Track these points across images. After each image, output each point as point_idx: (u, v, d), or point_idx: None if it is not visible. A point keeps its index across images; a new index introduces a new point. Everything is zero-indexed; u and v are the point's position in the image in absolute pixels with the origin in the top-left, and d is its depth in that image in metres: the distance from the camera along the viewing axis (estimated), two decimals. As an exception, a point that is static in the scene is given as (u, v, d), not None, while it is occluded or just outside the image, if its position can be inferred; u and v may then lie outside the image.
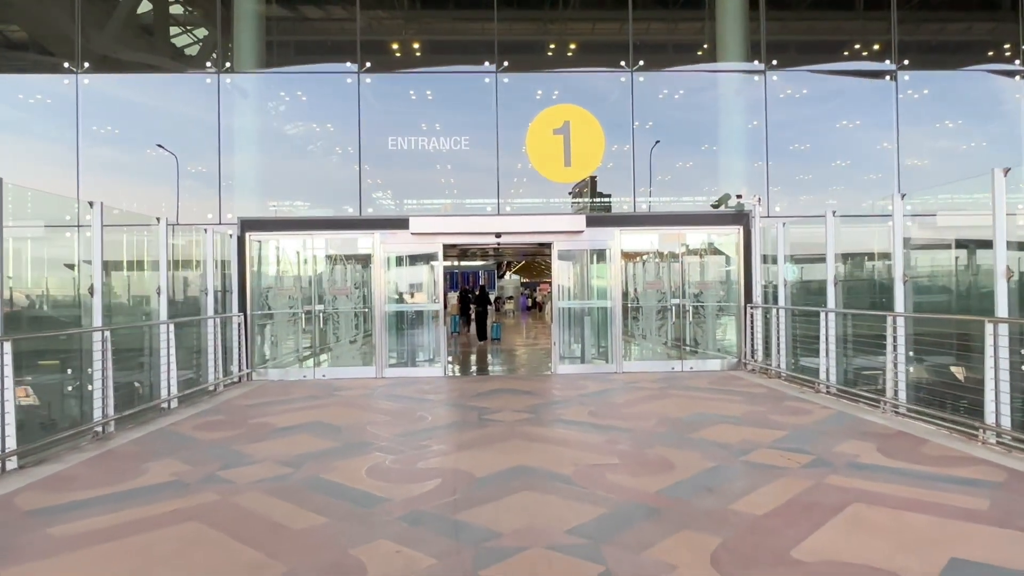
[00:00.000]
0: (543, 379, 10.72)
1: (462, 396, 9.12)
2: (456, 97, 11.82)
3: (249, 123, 11.75)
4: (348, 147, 11.51)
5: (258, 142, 11.81)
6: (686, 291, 11.58)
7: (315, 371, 11.10)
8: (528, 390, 9.45)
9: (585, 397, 8.82)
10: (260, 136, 11.80)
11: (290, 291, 11.36)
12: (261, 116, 11.80)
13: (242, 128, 11.71)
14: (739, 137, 12.35)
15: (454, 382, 10.64)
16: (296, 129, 11.86)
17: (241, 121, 11.67)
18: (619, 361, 11.24)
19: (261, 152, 11.79)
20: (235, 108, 11.63)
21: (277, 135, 11.81)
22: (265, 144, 11.83)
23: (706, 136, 12.50)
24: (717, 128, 12.51)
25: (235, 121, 11.58)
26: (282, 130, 11.85)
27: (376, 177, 11.67)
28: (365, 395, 9.30)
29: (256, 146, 11.83)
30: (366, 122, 11.47)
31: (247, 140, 11.81)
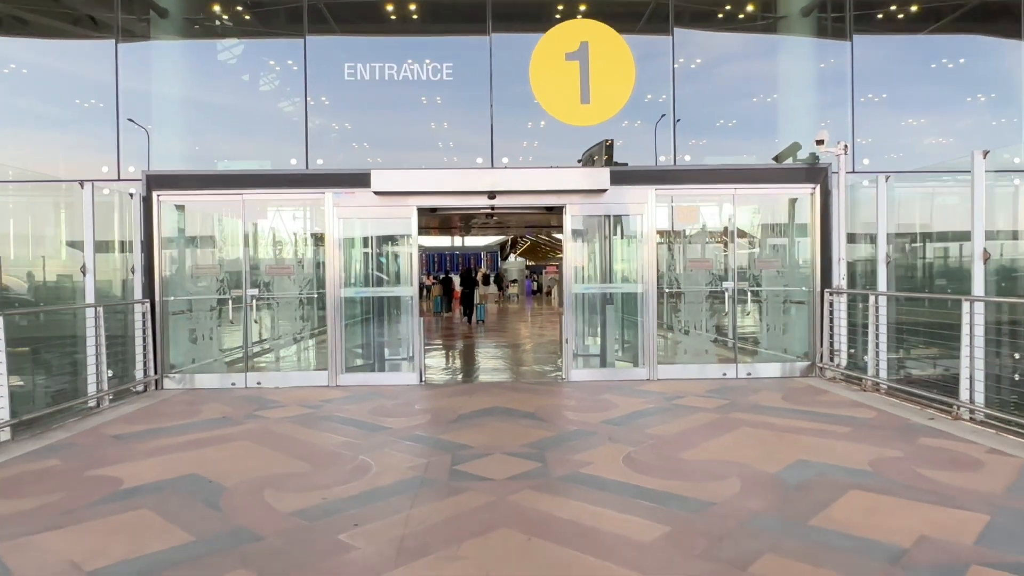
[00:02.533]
0: (551, 389, 7.91)
1: (436, 421, 6.32)
2: (438, 12, 8.89)
3: (165, 44, 8.88)
4: (291, 85, 8.62)
5: (175, 73, 8.94)
6: (741, 271, 8.71)
7: (247, 377, 8.31)
8: (531, 411, 6.65)
9: (614, 425, 6.01)
10: (178, 64, 8.93)
11: (213, 270, 8.54)
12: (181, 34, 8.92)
13: (158, 51, 8.86)
14: (811, 77, 9.41)
15: (431, 394, 7.84)
16: (228, 55, 8.98)
17: (156, 42, 8.80)
18: (653, 364, 8.42)
19: (180, 86, 8.93)
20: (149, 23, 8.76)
21: (203, 62, 8.94)
22: (187, 77, 8.98)
23: (766, 78, 9.57)
24: (783, 66, 9.56)
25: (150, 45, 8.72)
26: (210, 56, 8.98)
27: (332, 119, 8.80)
28: (300, 417, 6.51)
29: (173, 78, 8.97)
30: (315, 44, 8.58)
31: (160, 69, 8.95)
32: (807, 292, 8.70)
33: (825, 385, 7.91)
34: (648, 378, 8.42)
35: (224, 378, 8.33)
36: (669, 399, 7.17)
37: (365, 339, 9.24)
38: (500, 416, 6.43)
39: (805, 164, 8.66)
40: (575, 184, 8.25)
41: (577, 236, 8.74)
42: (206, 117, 8.91)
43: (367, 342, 9.23)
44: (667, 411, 6.58)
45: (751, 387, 7.88)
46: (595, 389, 7.85)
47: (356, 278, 8.86)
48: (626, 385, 8.07)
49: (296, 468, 4.82)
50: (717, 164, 8.67)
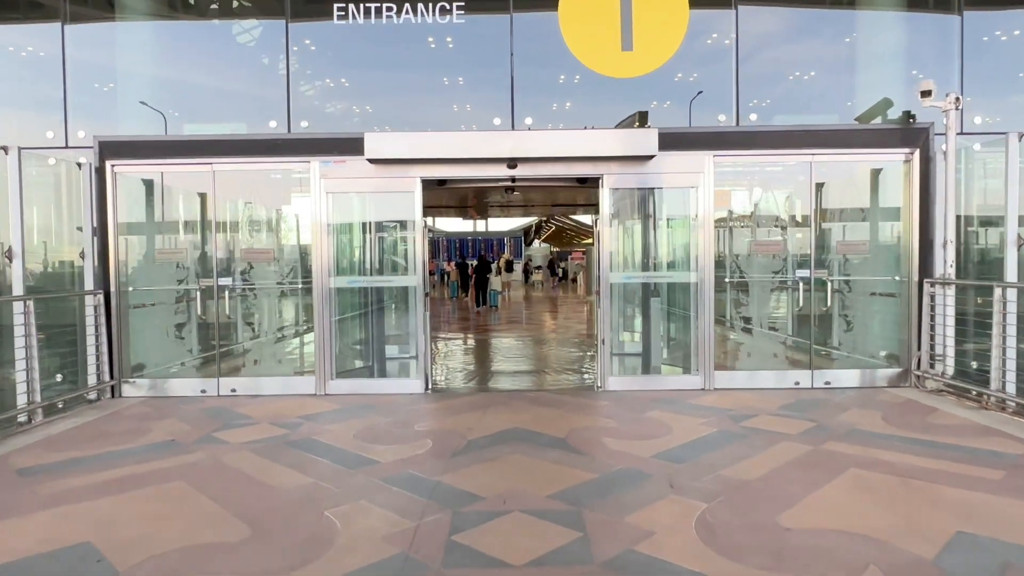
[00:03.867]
0: (585, 403, 6.41)
1: (439, 450, 4.87)
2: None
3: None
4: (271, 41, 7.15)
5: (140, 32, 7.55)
6: (818, 257, 7.10)
7: (220, 383, 6.94)
8: (560, 435, 5.17)
9: (673, 462, 4.49)
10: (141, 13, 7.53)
11: (178, 255, 7.17)
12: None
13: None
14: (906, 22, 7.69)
15: (437, 408, 6.39)
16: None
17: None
18: (709, 371, 6.87)
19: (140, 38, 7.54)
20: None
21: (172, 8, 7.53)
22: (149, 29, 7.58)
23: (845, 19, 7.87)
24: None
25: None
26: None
27: (317, 75, 7.34)
28: (266, 443, 5.11)
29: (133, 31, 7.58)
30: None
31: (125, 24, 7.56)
32: (899, 283, 7.06)
33: (929, 400, 6.30)
34: (703, 387, 6.88)
35: (193, 384, 6.98)
36: (736, 419, 5.63)
37: (360, 338, 7.83)
38: (521, 443, 4.95)
39: (898, 124, 6.99)
40: (614, 149, 6.69)
41: (616, 214, 7.20)
42: (176, 89, 7.50)
43: (363, 342, 7.81)
44: (738, 439, 5.04)
45: (834, 401, 6.29)
46: (639, 402, 6.33)
47: (349, 265, 7.43)
48: (676, 397, 6.53)
49: (230, 534, 3.40)
50: (790, 125, 7.04)
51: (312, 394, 6.88)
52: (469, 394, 6.94)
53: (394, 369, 7.77)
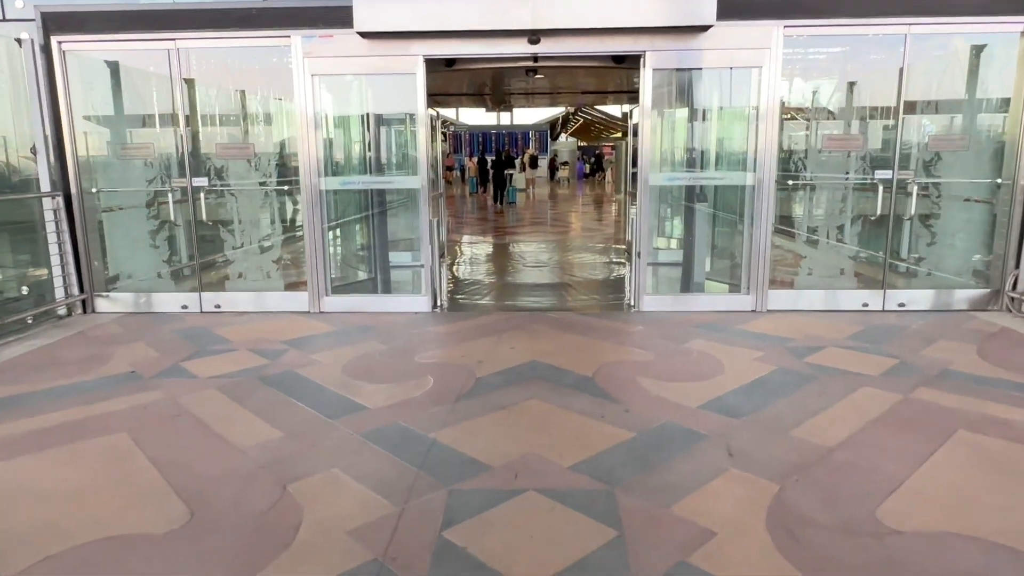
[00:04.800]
0: (616, 328, 5.50)
1: (440, 391, 4.03)
2: None
3: None
4: None
5: None
6: (904, 155, 5.87)
7: (202, 298, 6.15)
8: (587, 373, 4.29)
9: (729, 416, 3.59)
10: None
11: (144, 150, 6.18)
12: None
13: None
14: None
15: (444, 333, 5.54)
16: None
17: None
18: (762, 290, 5.87)
19: None
20: None
21: None
22: None
23: None
24: None
25: None
26: None
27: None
28: (237, 378, 4.33)
29: None
30: None
31: None
32: (998, 187, 5.85)
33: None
34: (754, 309, 5.91)
35: (173, 299, 6.20)
36: (797, 352, 4.69)
37: (359, 249, 6.92)
38: (540, 384, 4.09)
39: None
40: (660, 16, 5.38)
41: (659, 101, 5.98)
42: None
43: (362, 253, 6.91)
44: (805, 381, 4.12)
45: (912, 329, 5.30)
46: (679, 327, 5.41)
47: (342, 163, 6.40)
48: (723, 321, 5.59)
49: (160, 520, 2.63)
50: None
51: (305, 312, 6.07)
52: (482, 313, 6.06)
53: (397, 284, 6.90)
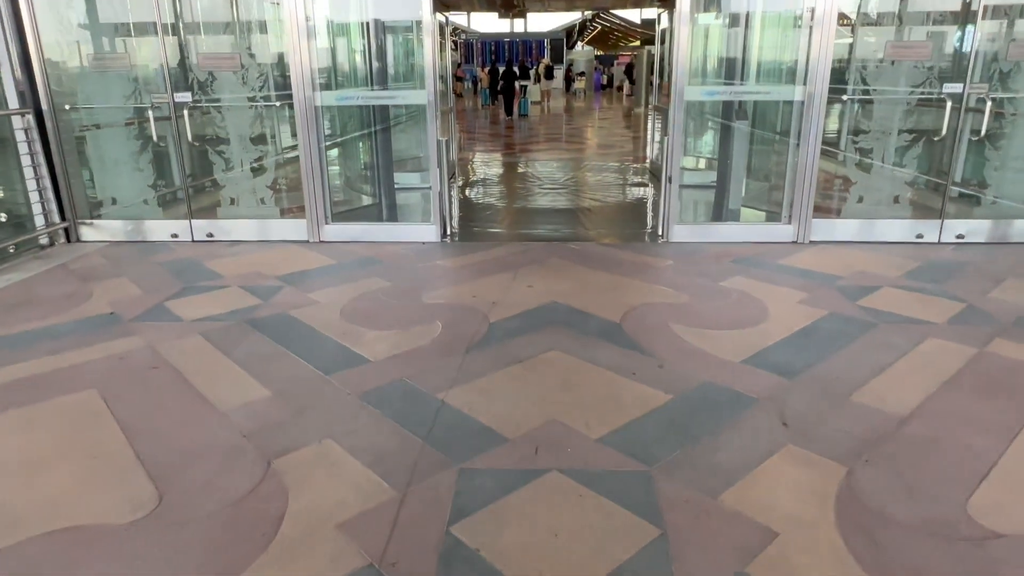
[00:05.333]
0: (644, 262, 4.99)
1: (446, 347, 3.60)
2: None
3: None
4: None
5: None
6: (980, 66, 5.12)
7: (193, 226, 5.68)
8: (613, 318, 3.82)
9: (781, 373, 3.14)
10: None
11: (120, 61, 5.55)
12: None
13: None
14: None
15: (454, 267, 5.06)
16: None
17: None
18: (806, 219, 5.30)
19: None
20: None
21: None
22: None
23: None
24: None
25: None
26: None
27: None
28: (226, 320, 3.91)
29: None
30: None
31: None
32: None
33: (1109, 265, 4.71)
34: (795, 240, 5.36)
35: (162, 227, 5.73)
36: (849, 293, 4.18)
37: (361, 171, 6.35)
38: (561, 331, 3.64)
39: None
40: None
41: (696, 2, 5.21)
42: None
43: (364, 176, 6.35)
44: (862, 329, 3.63)
45: (975, 264, 4.75)
46: (714, 261, 4.90)
47: (340, 76, 5.74)
48: (762, 254, 5.06)
49: (122, 507, 2.26)
50: None
51: (303, 241, 5.60)
52: (495, 244, 5.56)
53: (404, 211, 6.37)
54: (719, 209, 5.95)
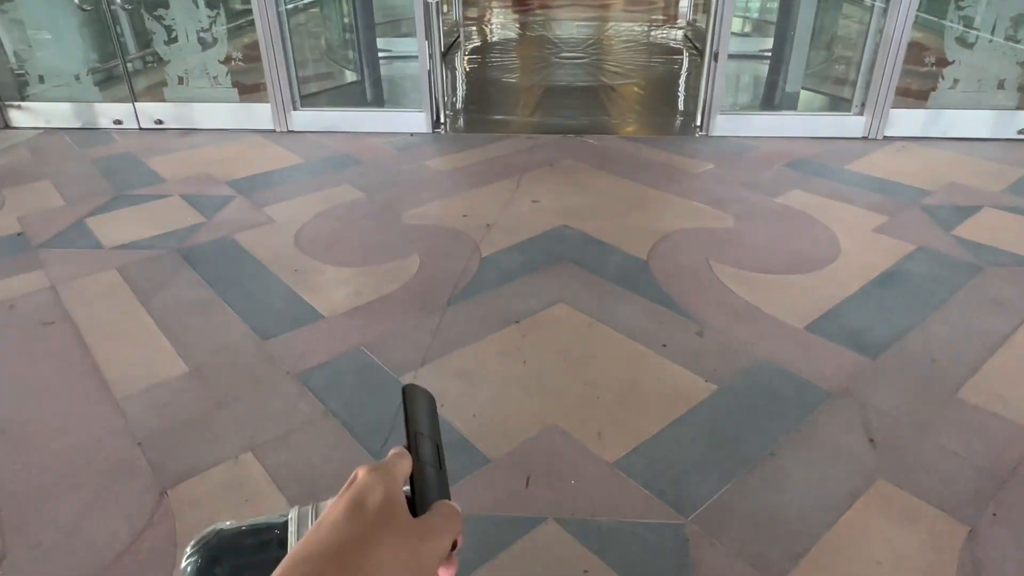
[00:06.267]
0: (678, 163, 4.04)
1: (422, 296, 2.82)
2: None
3: None
4: None
5: None
6: None
7: (138, 111, 4.77)
8: (639, 254, 3.00)
9: (861, 350, 2.35)
10: None
11: None
12: None
13: None
14: None
15: (440, 175, 4.16)
16: None
17: None
18: (883, 109, 4.26)
19: None
20: None
21: None
22: None
23: None
24: None
25: None
26: None
27: None
28: (155, 250, 3.15)
29: None
30: None
31: None
32: None
33: None
34: (867, 135, 4.35)
35: (104, 112, 4.82)
36: (941, 215, 3.29)
37: (335, 43, 5.25)
38: (570, 275, 2.84)
39: None
40: None
41: None
42: None
43: (339, 49, 5.26)
44: (963, 273, 2.79)
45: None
46: (765, 165, 3.96)
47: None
48: (827, 153, 4.10)
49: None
50: None
51: (268, 131, 4.69)
52: (497, 136, 4.60)
53: (387, 93, 5.33)
54: (772, 92, 4.87)
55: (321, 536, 0.39)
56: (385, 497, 0.41)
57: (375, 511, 0.40)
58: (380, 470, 0.42)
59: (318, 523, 0.40)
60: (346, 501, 0.40)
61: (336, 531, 0.39)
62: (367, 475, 0.42)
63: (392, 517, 0.40)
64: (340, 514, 0.40)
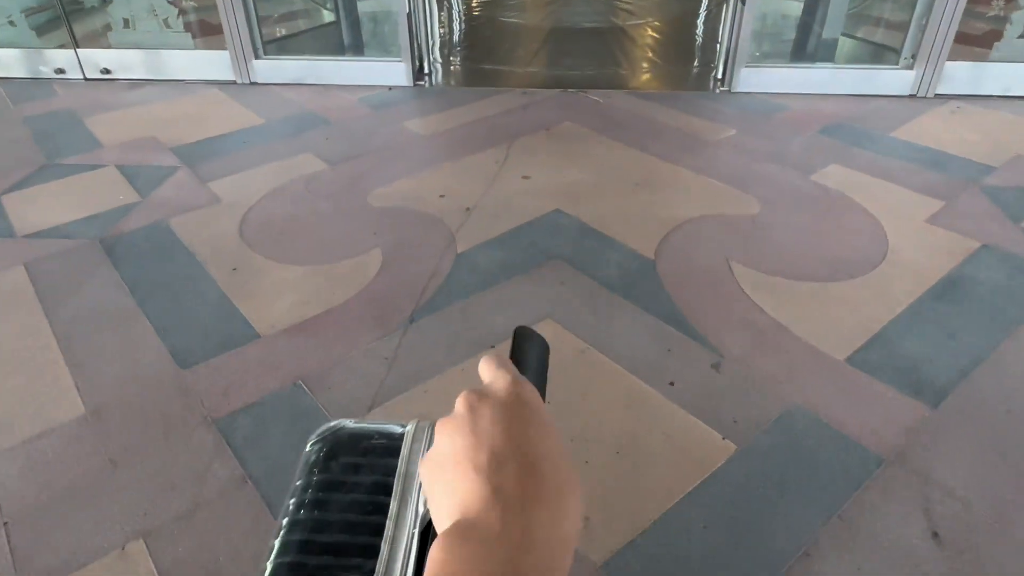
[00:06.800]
0: (695, 126, 3.48)
1: (379, 310, 2.35)
2: None
3: None
4: None
5: None
6: None
7: (81, 58, 4.21)
8: (645, 251, 2.50)
9: (915, 392, 1.89)
10: None
11: None
12: None
13: None
14: None
15: (416, 141, 3.61)
16: None
17: None
18: (936, 63, 3.64)
19: None
20: None
21: None
22: None
23: None
24: None
25: None
26: None
27: None
28: (73, 241, 2.68)
29: None
30: None
31: None
32: None
33: None
34: (916, 93, 3.75)
35: (45, 60, 4.26)
36: (1006, 199, 2.77)
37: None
38: (561, 277, 2.36)
39: None
40: None
41: None
42: None
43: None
44: (1040, 284, 2.29)
45: None
46: (797, 130, 3.40)
47: None
48: (868, 116, 3.53)
49: None
50: None
51: (229, 82, 4.13)
52: (489, 90, 4.03)
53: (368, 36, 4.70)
54: (805, 39, 4.22)
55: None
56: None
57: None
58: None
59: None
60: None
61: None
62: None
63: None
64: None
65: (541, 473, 0.36)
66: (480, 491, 0.35)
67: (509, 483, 0.35)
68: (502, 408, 0.39)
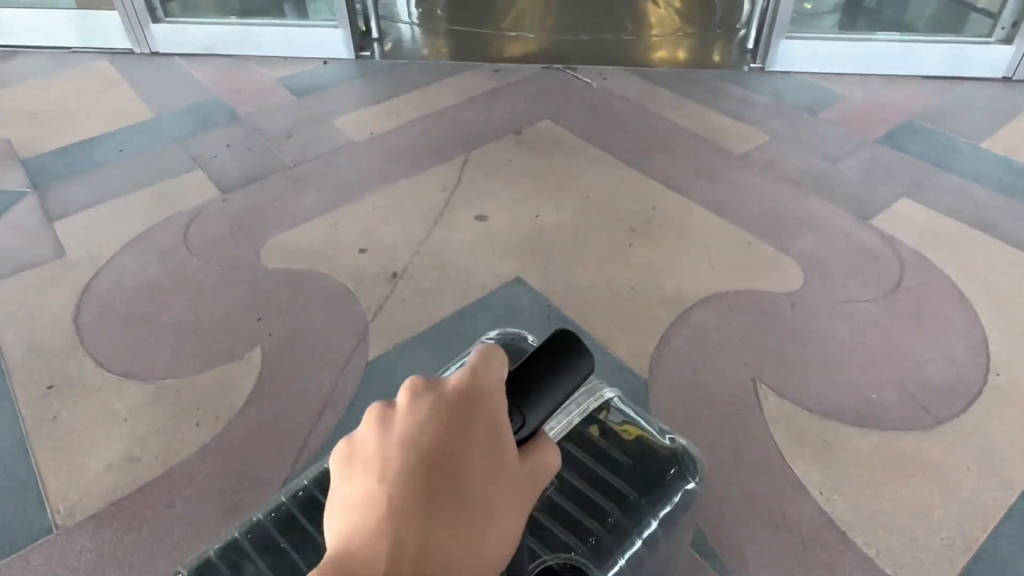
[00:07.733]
0: (720, 127, 2.61)
1: (249, 453, 1.62)
2: None
3: None
4: None
5: None
6: None
7: (-62, 21, 3.32)
8: (636, 362, 1.74)
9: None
10: None
11: None
12: None
13: None
14: None
15: (354, 133, 2.76)
16: None
17: None
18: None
19: None
20: None
21: None
22: None
23: None
24: None
25: None
26: None
27: None
28: None
29: None
30: None
31: None
32: None
33: None
34: (1010, 75, 2.84)
35: None
36: None
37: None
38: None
39: None
40: None
41: None
42: None
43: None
44: None
45: None
46: (850, 137, 2.53)
47: None
48: (949, 111, 2.65)
49: None
50: None
51: (126, 52, 3.26)
52: (447, 68, 3.13)
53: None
54: (856, 13, 3.23)
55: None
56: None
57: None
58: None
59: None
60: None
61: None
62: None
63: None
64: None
65: (463, 488, 0.31)
66: (375, 513, 0.31)
67: (414, 494, 0.31)
68: (446, 405, 0.34)
